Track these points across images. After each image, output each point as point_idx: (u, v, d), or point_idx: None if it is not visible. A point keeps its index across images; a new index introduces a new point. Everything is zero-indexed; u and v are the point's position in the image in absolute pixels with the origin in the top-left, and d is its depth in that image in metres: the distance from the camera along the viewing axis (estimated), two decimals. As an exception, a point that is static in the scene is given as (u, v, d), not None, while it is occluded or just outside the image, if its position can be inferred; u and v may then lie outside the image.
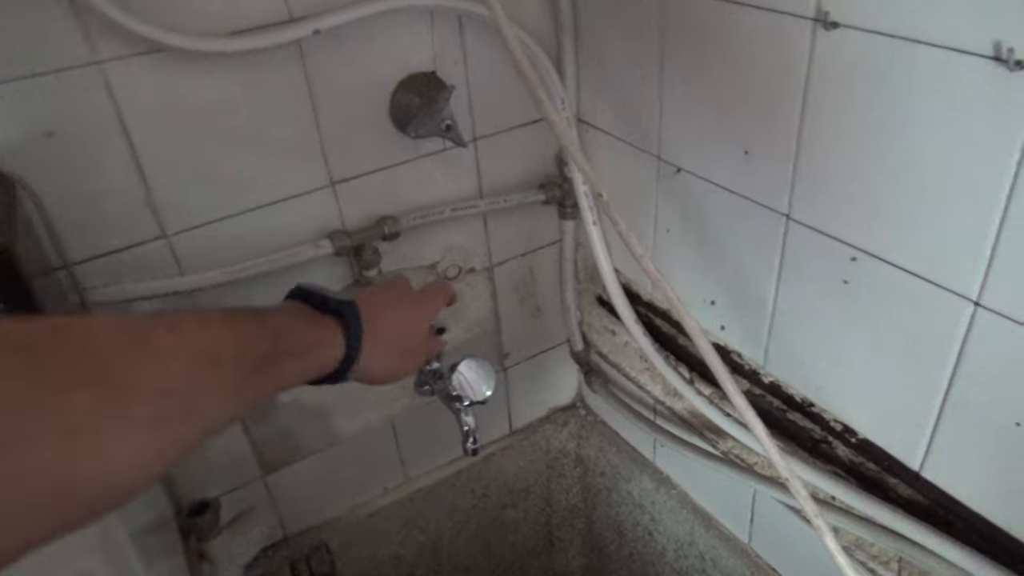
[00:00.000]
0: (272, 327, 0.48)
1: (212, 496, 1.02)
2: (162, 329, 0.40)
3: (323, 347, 0.54)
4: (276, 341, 0.48)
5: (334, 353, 0.55)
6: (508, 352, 1.24)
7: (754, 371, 0.90)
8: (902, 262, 0.66)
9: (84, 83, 0.74)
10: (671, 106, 0.86)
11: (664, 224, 0.95)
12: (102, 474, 0.35)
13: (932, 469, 0.72)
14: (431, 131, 0.89)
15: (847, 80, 0.64)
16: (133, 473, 0.36)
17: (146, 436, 0.36)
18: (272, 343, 0.47)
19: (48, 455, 0.32)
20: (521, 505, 1.41)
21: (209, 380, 0.41)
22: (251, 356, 0.45)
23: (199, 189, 0.84)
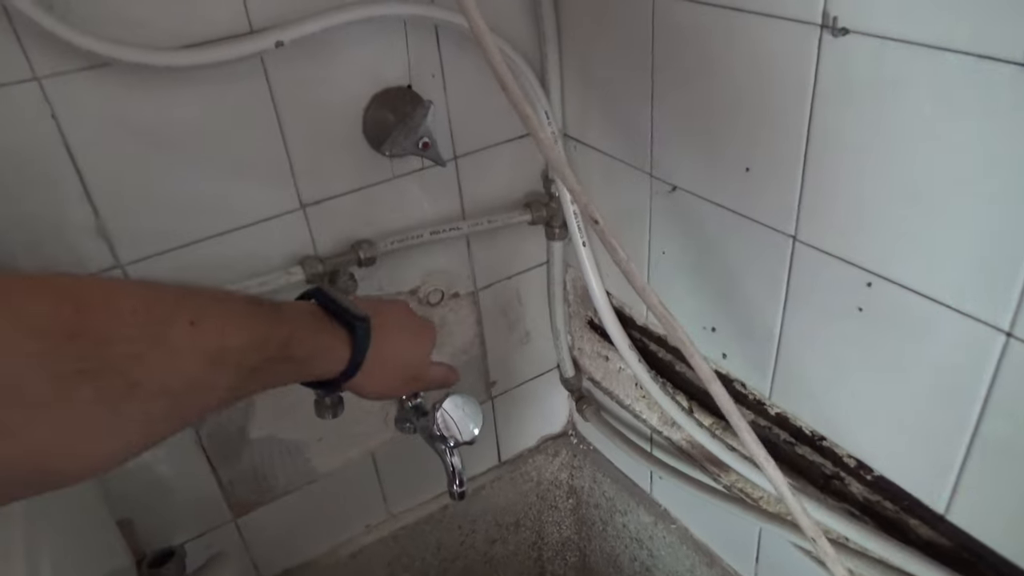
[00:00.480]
0: (286, 331, 0.48)
1: (177, 543, 0.94)
2: (183, 322, 0.39)
3: (327, 358, 0.54)
4: (284, 346, 0.47)
5: (337, 366, 0.55)
6: (495, 380, 1.18)
7: (759, 401, 0.84)
8: (924, 289, 0.60)
9: (22, 101, 0.67)
10: (664, 120, 0.80)
11: (659, 246, 0.89)
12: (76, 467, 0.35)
13: (958, 511, 0.66)
14: (407, 149, 0.83)
15: (859, 90, 0.58)
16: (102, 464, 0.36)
17: (132, 434, 0.37)
18: (279, 348, 0.47)
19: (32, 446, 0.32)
20: (511, 539, 1.34)
21: (208, 381, 0.41)
22: (257, 358, 0.44)
23: (155, 215, 0.78)
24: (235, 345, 0.42)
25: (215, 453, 0.95)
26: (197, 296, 0.42)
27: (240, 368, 0.43)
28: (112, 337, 0.35)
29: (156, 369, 0.37)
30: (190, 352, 0.39)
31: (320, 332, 0.53)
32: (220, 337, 0.42)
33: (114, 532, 0.85)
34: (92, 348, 0.34)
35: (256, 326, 0.45)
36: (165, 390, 0.38)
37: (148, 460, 0.90)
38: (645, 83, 0.80)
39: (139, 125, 0.73)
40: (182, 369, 0.39)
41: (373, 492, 1.14)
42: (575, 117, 0.96)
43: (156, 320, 0.38)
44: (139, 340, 0.36)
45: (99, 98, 0.70)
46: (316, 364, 0.53)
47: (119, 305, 0.37)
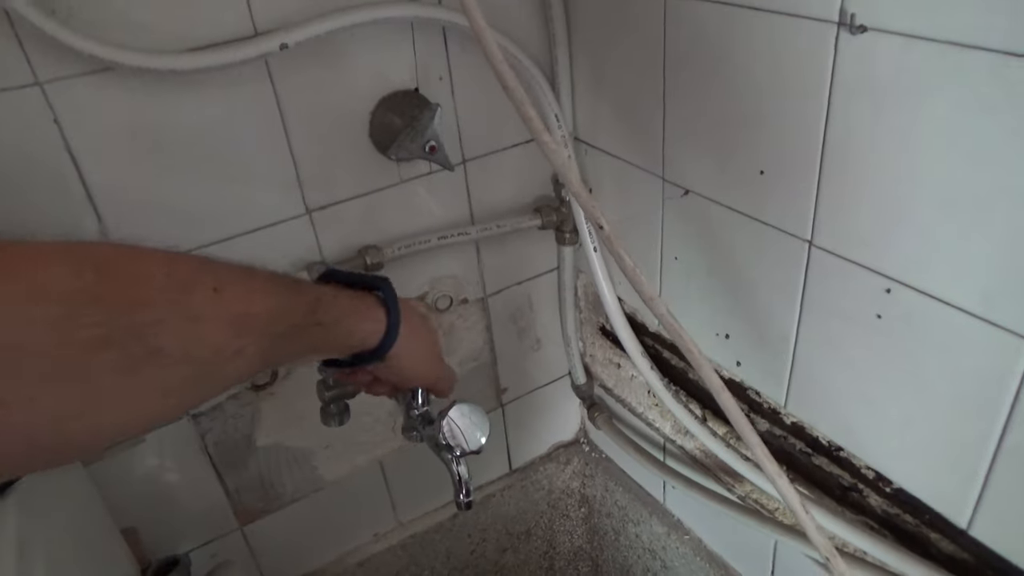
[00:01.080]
0: (311, 296, 0.47)
1: (183, 551, 0.94)
2: (207, 288, 0.38)
3: (361, 319, 0.53)
4: (311, 311, 0.47)
5: (376, 326, 0.54)
6: (506, 387, 1.16)
7: (774, 410, 0.82)
8: (946, 295, 0.58)
9: (24, 106, 0.66)
10: (676, 122, 0.79)
11: (671, 251, 0.87)
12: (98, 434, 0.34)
13: (982, 526, 0.64)
14: (414, 153, 0.82)
15: (878, 90, 0.56)
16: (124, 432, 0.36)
17: (153, 402, 0.36)
18: (306, 314, 0.46)
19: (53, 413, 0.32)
20: (522, 548, 1.32)
21: (236, 348, 0.40)
22: (283, 325, 0.44)
23: (160, 220, 0.77)
24: (260, 311, 0.42)
25: (221, 461, 0.94)
26: (219, 265, 0.42)
27: (266, 335, 0.42)
28: (134, 303, 0.35)
29: (178, 336, 0.36)
30: (213, 318, 0.38)
31: (347, 299, 0.53)
32: (244, 304, 0.41)
33: (119, 541, 0.84)
34: (113, 314, 0.33)
35: (280, 294, 0.45)
36: (188, 357, 0.37)
37: (153, 468, 0.89)
38: (657, 85, 0.79)
39: (143, 130, 0.72)
40: (205, 336, 0.38)
41: (381, 500, 1.13)
42: (586, 121, 0.94)
43: (178, 286, 0.37)
44: (161, 306, 0.36)
45: (102, 103, 0.69)
46: (349, 328, 0.52)
47: (141, 271, 0.36)
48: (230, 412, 0.91)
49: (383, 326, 0.54)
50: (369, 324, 0.54)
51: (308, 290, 0.48)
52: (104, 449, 0.35)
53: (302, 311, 0.46)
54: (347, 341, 0.53)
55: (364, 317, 0.54)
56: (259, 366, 0.43)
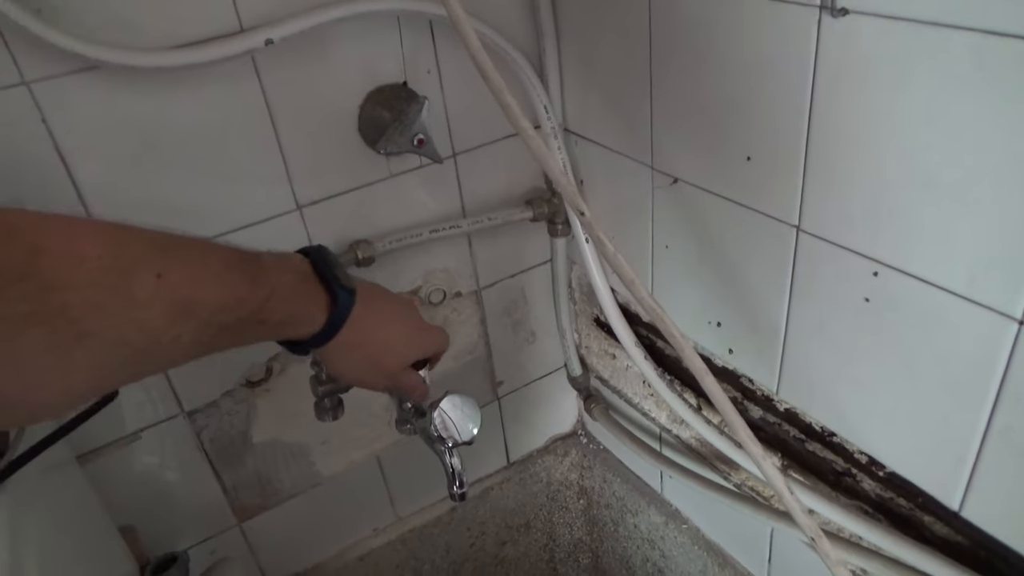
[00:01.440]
0: (264, 293, 0.46)
1: (181, 549, 0.94)
2: (150, 273, 0.37)
3: (302, 324, 0.52)
4: (259, 309, 0.45)
5: (309, 330, 0.53)
6: (502, 380, 1.16)
7: (767, 397, 0.82)
8: (933, 277, 0.58)
9: (11, 106, 0.67)
10: (663, 111, 0.79)
11: (662, 240, 0.87)
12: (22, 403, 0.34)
13: (973, 508, 0.64)
14: (403, 147, 0.82)
15: (861, 72, 0.56)
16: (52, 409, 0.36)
17: (82, 379, 0.36)
18: (254, 311, 0.45)
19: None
20: (522, 541, 1.32)
21: (174, 335, 0.39)
22: (227, 318, 0.42)
23: (150, 218, 0.75)
24: (205, 301, 0.41)
25: (218, 458, 0.94)
26: (172, 247, 0.40)
27: (208, 326, 0.41)
28: (66, 283, 0.34)
29: (113, 320, 0.36)
30: (152, 305, 0.37)
31: (301, 296, 0.51)
32: (189, 291, 0.40)
33: (116, 539, 0.85)
34: (41, 292, 0.33)
35: (233, 285, 0.43)
36: (122, 341, 0.36)
37: (150, 466, 0.90)
38: (644, 74, 0.79)
39: (131, 128, 0.73)
40: (142, 322, 0.37)
41: (379, 495, 1.13)
42: (575, 112, 0.94)
43: (119, 269, 0.36)
44: (97, 288, 0.35)
45: (90, 101, 0.70)
46: (290, 328, 0.51)
47: (80, 250, 0.35)
48: (225, 409, 0.92)
49: (316, 330, 0.53)
50: (306, 328, 0.52)
51: (264, 283, 0.46)
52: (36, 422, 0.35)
53: (249, 308, 0.44)
54: (278, 338, 0.52)
55: (306, 322, 0.52)
56: (195, 354, 0.42)
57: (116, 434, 0.86)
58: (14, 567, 0.49)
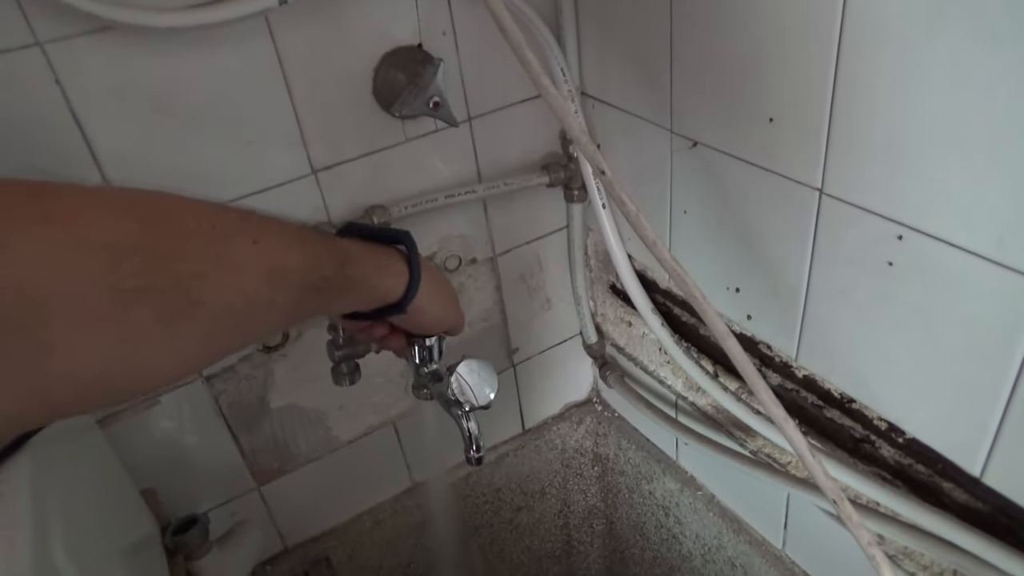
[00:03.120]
0: (341, 250, 0.48)
1: (201, 511, 0.95)
2: (246, 240, 0.39)
3: (385, 273, 0.53)
4: (341, 264, 0.47)
5: (398, 280, 0.54)
6: (517, 347, 1.16)
7: (786, 364, 0.81)
8: (959, 240, 0.56)
9: (25, 67, 0.66)
10: (684, 73, 0.77)
11: (681, 205, 0.86)
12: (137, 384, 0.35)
13: (996, 474, 0.63)
14: (418, 110, 0.81)
15: (890, 29, 0.55)
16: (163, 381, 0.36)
17: (191, 351, 0.36)
18: (337, 267, 0.46)
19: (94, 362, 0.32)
20: (537, 507, 1.33)
21: (270, 299, 0.40)
22: (315, 278, 0.44)
23: (165, 181, 0.77)
24: (295, 264, 0.42)
25: (236, 422, 0.95)
26: (256, 216, 0.42)
27: (301, 286, 0.43)
28: (175, 254, 0.35)
29: (219, 287, 0.36)
30: (252, 270, 0.39)
31: (373, 250, 0.53)
32: (280, 256, 0.41)
33: (138, 501, 0.86)
34: (155, 264, 0.33)
35: (313, 245, 0.45)
36: (227, 308, 0.37)
37: (169, 430, 0.91)
38: (664, 35, 0.77)
39: (144, 90, 0.72)
40: (244, 287, 0.38)
41: (396, 460, 1.14)
42: (593, 75, 0.93)
43: (220, 238, 0.37)
44: (202, 257, 0.36)
45: (103, 63, 0.69)
46: (375, 282, 0.52)
47: (183, 222, 0.36)
48: (243, 374, 0.92)
49: (405, 279, 0.55)
50: (392, 279, 0.54)
51: (337, 244, 0.48)
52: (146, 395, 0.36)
53: (333, 265, 0.46)
54: (371, 295, 0.53)
55: (388, 272, 0.54)
56: (290, 318, 0.44)
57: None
58: (38, 527, 0.49)
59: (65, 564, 0.49)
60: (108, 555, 0.65)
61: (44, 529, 0.49)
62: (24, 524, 0.47)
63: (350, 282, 0.49)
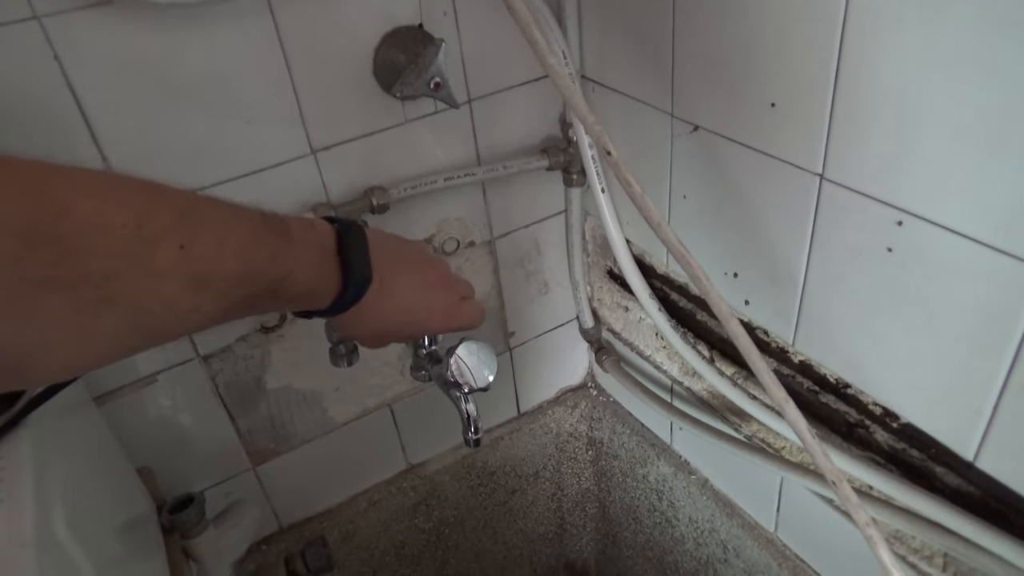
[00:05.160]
0: (285, 268, 0.45)
1: (197, 490, 0.95)
2: (172, 245, 0.37)
3: (317, 298, 0.50)
4: (277, 284, 0.45)
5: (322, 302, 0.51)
6: (513, 331, 1.16)
7: (782, 349, 0.82)
8: (959, 226, 0.57)
9: (23, 42, 0.65)
10: (686, 56, 0.77)
11: (680, 189, 0.86)
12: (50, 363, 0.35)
13: (989, 458, 0.64)
14: (419, 91, 0.81)
15: (893, 12, 0.55)
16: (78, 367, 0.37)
17: (105, 343, 0.36)
18: (270, 285, 0.44)
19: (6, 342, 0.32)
20: (530, 490, 1.34)
21: (193, 305, 0.39)
22: (244, 290, 0.42)
23: (164, 159, 0.76)
24: (224, 273, 0.40)
25: (232, 402, 0.95)
26: (199, 214, 0.40)
27: (224, 297, 0.41)
28: (91, 250, 0.34)
29: (133, 288, 0.36)
30: (172, 275, 0.37)
31: (319, 277, 0.50)
32: (210, 264, 0.39)
33: (134, 479, 0.86)
34: (66, 257, 0.33)
35: (254, 257, 0.42)
36: (141, 309, 0.37)
37: (165, 409, 0.90)
38: (666, 17, 0.77)
39: (144, 66, 0.71)
40: (161, 292, 0.37)
41: (392, 442, 1.14)
42: (593, 57, 0.93)
43: (143, 238, 0.36)
44: (120, 257, 0.35)
45: (102, 38, 0.68)
46: (301, 303, 0.50)
47: (108, 218, 0.35)
48: (240, 354, 0.92)
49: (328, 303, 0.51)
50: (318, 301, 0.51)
51: (284, 262, 0.45)
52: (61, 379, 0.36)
53: (269, 280, 0.44)
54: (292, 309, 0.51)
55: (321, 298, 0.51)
56: (212, 323, 0.42)
57: (132, 377, 0.87)
58: (40, 502, 0.49)
59: (67, 538, 0.49)
60: (106, 531, 0.65)
61: (46, 504, 0.49)
62: (27, 498, 0.47)
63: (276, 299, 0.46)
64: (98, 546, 0.57)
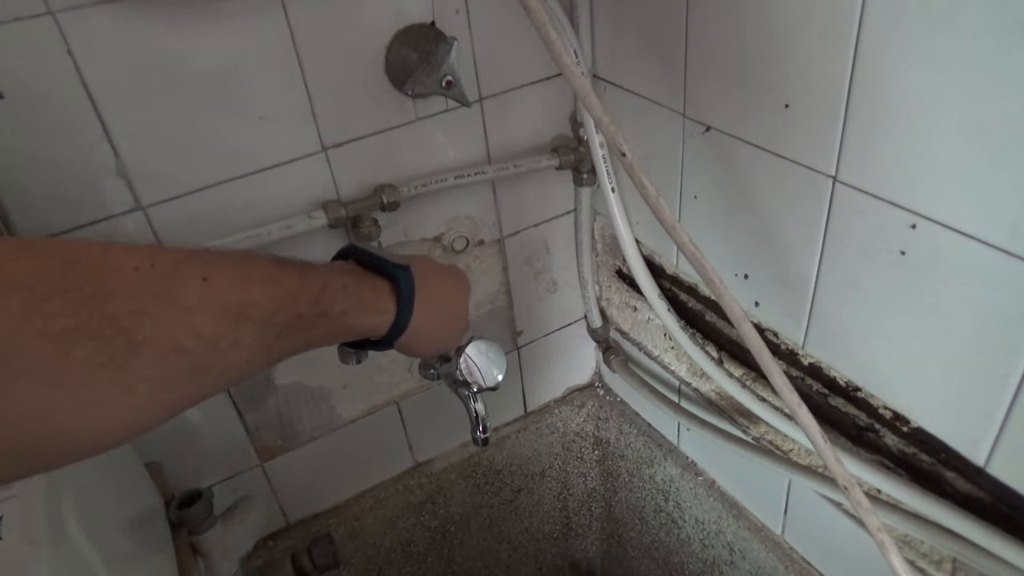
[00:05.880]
0: (318, 284, 0.45)
1: (204, 486, 0.95)
2: (195, 279, 0.36)
3: (370, 314, 0.50)
4: (318, 301, 0.44)
5: (385, 318, 0.51)
6: (521, 329, 1.16)
7: (792, 351, 0.82)
8: (974, 230, 0.56)
9: (37, 37, 0.65)
10: (699, 56, 0.77)
11: (691, 190, 0.86)
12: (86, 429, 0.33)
13: (1000, 464, 0.64)
14: (430, 88, 0.80)
15: (910, 16, 0.54)
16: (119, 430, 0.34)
17: (146, 395, 0.34)
18: (312, 303, 0.44)
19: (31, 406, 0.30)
20: (536, 489, 1.34)
21: (233, 339, 0.38)
22: (286, 316, 0.41)
23: (176, 155, 0.76)
24: (258, 300, 0.39)
25: (241, 399, 0.95)
26: (212, 253, 0.39)
27: (268, 325, 0.40)
28: (109, 293, 0.32)
29: (165, 326, 0.34)
30: (203, 308, 0.36)
31: (358, 284, 0.49)
32: (240, 292, 0.38)
33: (143, 474, 0.86)
34: (84, 304, 0.31)
35: (282, 280, 0.42)
36: (178, 349, 0.35)
37: (175, 404, 0.91)
38: (680, 17, 0.76)
39: (157, 62, 0.71)
40: (196, 327, 0.36)
41: (399, 440, 1.14)
42: (605, 57, 0.92)
43: (162, 275, 0.35)
44: (142, 296, 0.34)
45: (116, 33, 0.68)
46: (357, 318, 0.49)
47: (116, 262, 0.34)
48: (249, 350, 0.92)
49: (391, 318, 0.51)
50: (376, 317, 0.50)
51: (314, 278, 0.45)
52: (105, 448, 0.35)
53: (305, 301, 0.43)
54: (352, 332, 0.50)
55: (372, 309, 0.50)
56: (262, 359, 0.41)
57: (142, 372, 0.87)
58: (52, 497, 0.50)
59: (78, 534, 0.49)
60: (116, 526, 0.65)
61: (58, 499, 0.49)
62: (39, 494, 0.47)
63: (327, 320, 0.45)
64: (107, 541, 0.57)
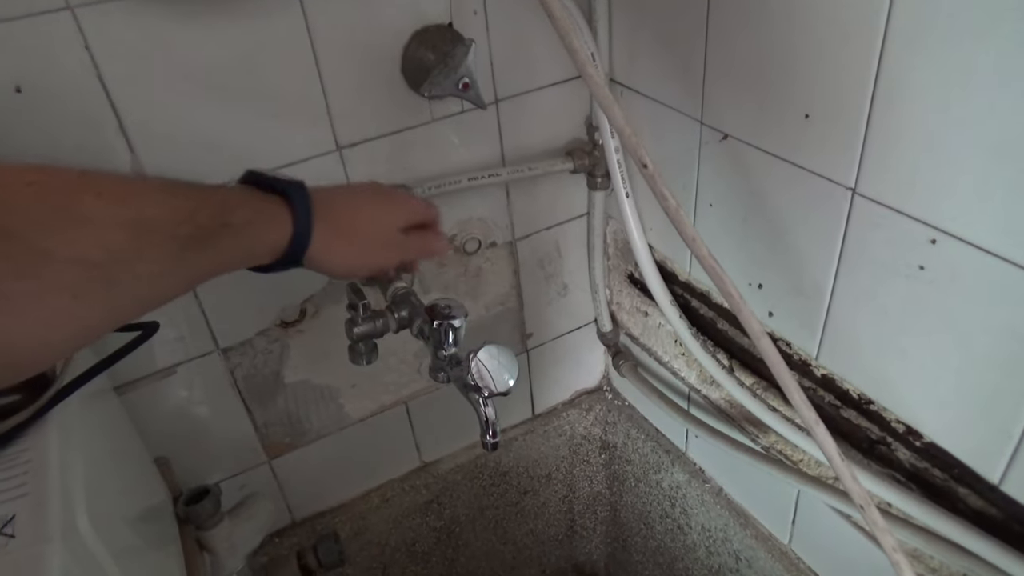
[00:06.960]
0: (217, 200, 0.46)
1: (212, 482, 0.95)
2: (88, 195, 0.38)
3: (271, 225, 0.51)
4: (219, 214, 0.45)
5: (283, 232, 0.51)
6: (531, 332, 1.16)
7: (805, 362, 0.81)
8: (995, 247, 0.56)
9: (55, 32, 0.65)
10: (718, 62, 0.76)
11: (706, 198, 0.85)
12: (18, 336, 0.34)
13: (1015, 482, 0.63)
14: (447, 90, 0.80)
15: (936, 28, 0.54)
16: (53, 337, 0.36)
17: (64, 304, 0.36)
18: (213, 216, 0.45)
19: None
20: (542, 492, 1.34)
21: (135, 250, 0.39)
22: (187, 228, 0.42)
23: (191, 152, 0.76)
24: (155, 213, 0.41)
25: (250, 395, 0.95)
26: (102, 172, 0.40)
27: (169, 237, 0.41)
28: (7, 206, 0.34)
29: (66, 237, 0.36)
30: (103, 221, 0.37)
31: (257, 199, 0.50)
32: (136, 206, 0.40)
33: (152, 470, 0.86)
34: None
35: (180, 195, 0.43)
36: (84, 259, 0.36)
37: (184, 400, 0.91)
38: (700, 23, 0.76)
39: (175, 59, 0.71)
40: (99, 238, 0.37)
41: (406, 440, 1.14)
42: (622, 61, 0.92)
43: (57, 189, 0.36)
44: (40, 209, 0.35)
45: (134, 29, 0.68)
46: (260, 230, 0.50)
47: (10, 179, 0.35)
48: (259, 348, 0.92)
49: (290, 230, 0.52)
50: (278, 231, 0.51)
51: (213, 193, 0.46)
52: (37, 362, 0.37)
53: (207, 214, 0.44)
54: (259, 249, 0.51)
55: (273, 223, 0.51)
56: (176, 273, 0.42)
57: (152, 368, 0.87)
58: (65, 494, 0.49)
59: (88, 530, 0.49)
60: (125, 521, 0.65)
61: (70, 497, 0.49)
62: (52, 492, 0.47)
63: (232, 231, 0.46)
64: (117, 537, 0.57)
